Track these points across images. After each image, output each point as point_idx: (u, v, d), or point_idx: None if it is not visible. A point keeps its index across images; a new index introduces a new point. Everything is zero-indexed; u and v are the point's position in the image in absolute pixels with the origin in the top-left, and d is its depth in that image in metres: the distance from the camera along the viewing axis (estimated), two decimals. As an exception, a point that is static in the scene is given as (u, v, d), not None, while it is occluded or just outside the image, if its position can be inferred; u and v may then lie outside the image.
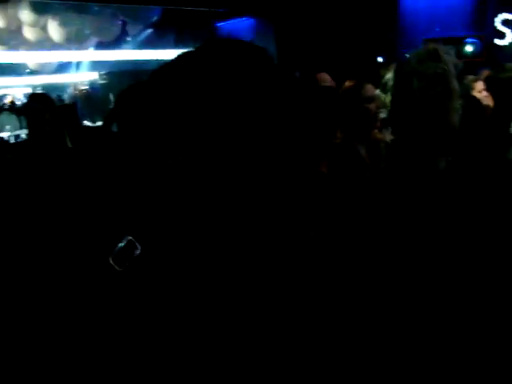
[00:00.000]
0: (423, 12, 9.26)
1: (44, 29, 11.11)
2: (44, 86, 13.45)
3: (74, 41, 11.38)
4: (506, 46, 8.24)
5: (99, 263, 0.83)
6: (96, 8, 10.14)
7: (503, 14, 8.19)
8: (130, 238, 0.85)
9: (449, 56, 1.59)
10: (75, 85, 12.50)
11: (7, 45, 11.56)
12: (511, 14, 8.11)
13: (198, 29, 11.53)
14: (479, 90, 4.62)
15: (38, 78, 13.30)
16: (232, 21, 12.88)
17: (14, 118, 9.10)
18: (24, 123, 8.85)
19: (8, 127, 9.15)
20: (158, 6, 10.87)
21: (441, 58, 1.56)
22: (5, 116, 9.02)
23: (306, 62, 9.01)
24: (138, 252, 0.86)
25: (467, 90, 4.33)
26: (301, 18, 10.56)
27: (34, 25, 10.92)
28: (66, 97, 11.86)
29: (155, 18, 11.92)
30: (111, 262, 0.83)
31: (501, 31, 8.29)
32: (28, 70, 13.00)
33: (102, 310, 0.82)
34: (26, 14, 10.41)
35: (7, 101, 11.78)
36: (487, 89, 4.79)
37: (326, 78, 4.49)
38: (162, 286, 0.84)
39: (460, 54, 8.52)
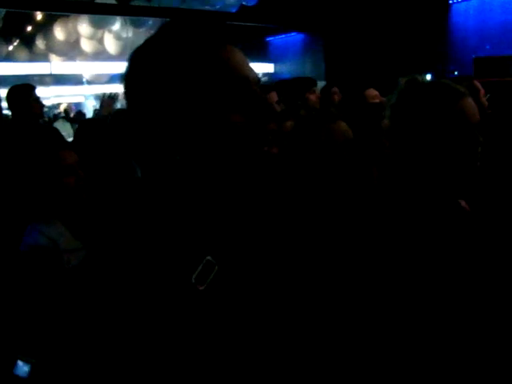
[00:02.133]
0: (474, 29, 9.17)
1: (100, 41, 11.53)
2: (97, 96, 13.93)
3: (128, 52, 11.73)
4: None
5: (181, 284, 0.84)
6: (150, 22, 10.46)
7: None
8: (209, 257, 0.87)
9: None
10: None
11: (65, 56, 12.03)
12: None
13: (249, 43, 11.72)
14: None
15: (92, 88, 13.77)
16: (282, 35, 13.06)
17: (68, 125, 9.43)
18: (78, 131, 9.18)
19: (63, 134, 9.47)
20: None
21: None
22: (60, 124, 9.35)
23: (355, 77, 9.05)
24: (215, 270, 0.87)
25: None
26: (350, 34, 10.62)
27: (91, 37, 11.35)
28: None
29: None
30: (193, 281, 0.84)
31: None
32: (83, 80, 13.48)
33: (186, 332, 0.83)
34: (84, 27, 10.83)
35: (62, 109, 12.22)
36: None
37: (374, 95, 4.53)
38: (242, 303, 0.89)
39: (511, 72, 8.40)
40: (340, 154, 1.63)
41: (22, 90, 4.03)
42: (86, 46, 11.63)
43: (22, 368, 1.54)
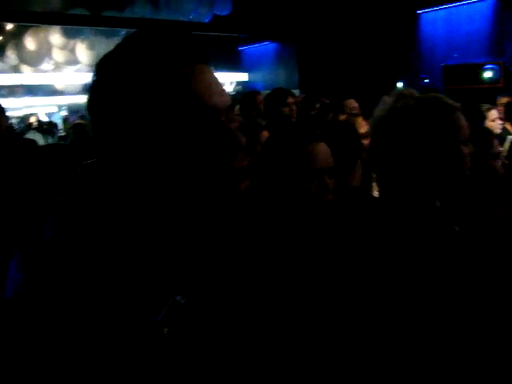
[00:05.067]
0: (442, 38, 9.38)
1: (72, 51, 11.45)
2: (69, 106, 13.80)
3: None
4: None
5: (144, 327, 0.78)
6: (123, 32, 10.44)
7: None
8: (178, 297, 0.81)
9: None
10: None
11: (36, 66, 11.91)
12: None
13: (222, 53, 11.79)
14: (492, 119, 4.72)
15: (64, 99, 13.63)
16: (255, 45, 13.15)
17: (39, 136, 9.32)
18: (50, 141, 9.11)
19: (35, 146, 9.35)
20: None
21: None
22: (31, 135, 9.24)
23: (328, 86, 9.18)
24: (183, 310, 0.81)
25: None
26: (322, 43, 10.76)
27: (63, 47, 11.27)
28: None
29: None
30: (159, 324, 0.78)
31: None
32: (54, 91, 13.33)
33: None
34: (56, 38, 10.76)
35: (33, 120, 12.06)
36: (507, 115, 4.87)
37: (353, 106, 4.60)
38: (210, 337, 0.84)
39: (479, 80, 8.61)
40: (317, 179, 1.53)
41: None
42: (58, 55, 11.54)
43: None
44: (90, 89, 0.86)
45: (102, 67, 0.86)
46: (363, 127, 3.25)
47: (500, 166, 2.46)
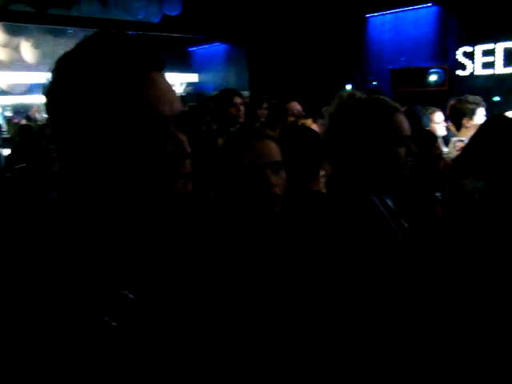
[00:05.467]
0: (389, 42, 9.59)
1: (17, 49, 11.12)
2: (13, 107, 13.38)
3: (47, 62, 11.35)
4: (466, 76, 8.59)
5: (92, 320, 0.79)
6: (70, 31, 10.21)
7: (464, 46, 8.56)
8: (126, 292, 0.84)
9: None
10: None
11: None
12: (471, 46, 8.48)
13: (172, 53, 11.68)
14: (437, 121, 4.85)
15: (8, 99, 13.22)
16: (206, 46, 13.11)
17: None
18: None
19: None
20: (133, 31, 11.00)
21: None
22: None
23: (277, 87, 9.24)
24: (131, 304, 0.83)
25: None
26: (272, 45, 10.82)
27: (5, 45, 10.92)
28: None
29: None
30: (107, 317, 0.80)
31: (462, 63, 8.65)
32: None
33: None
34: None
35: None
36: (451, 117, 5.01)
37: (296, 107, 4.63)
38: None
39: (425, 83, 8.85)
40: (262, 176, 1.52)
41: None
42: (1, 54, 11.18)
43: None
44: (47, 89, 0.89)
45: (59, 69, 0.89)
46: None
47: (442, 167, 2.52)
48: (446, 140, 4.80)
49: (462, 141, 4.27)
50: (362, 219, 1.57)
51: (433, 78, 8.83)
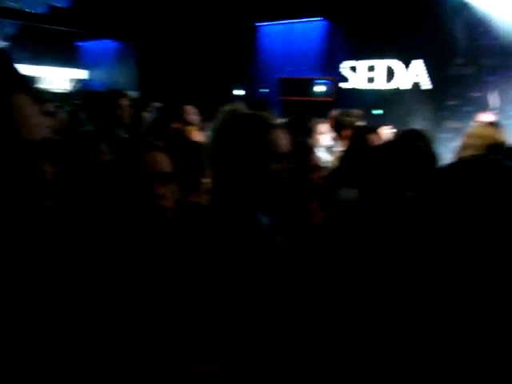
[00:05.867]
0: (278, 53, 9.82)
1: None
2: None
3: None
4: (351, 89, 9.04)
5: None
6: None
7: (349, 60, 9.02)
8: None
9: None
10: None
11: None
12: (356, 61, 8.95)
13: (57, 47, 11.21)
14: (321, 132, 5.02)
15: None
16: (95, 41, 12.65)
17: None
18: None
19: None
20: (18, 20, 10.41)
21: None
22: None
23: (167, 90, 9.15)
24: None
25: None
26: (163, 47, 10.70)
27: None
28: None
29: (12, 32, 11.35)
30: None
31: (346, 76, 9.10)
32: None
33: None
34: None
35: None
36: (335, 128, 5.21)
37: (191, 111, 4.61)
38: None
39: (312, 93, 9.20)
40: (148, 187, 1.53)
41: None
42: None
43: None
44: None
45: None
46: (197, 137, 3.28)
47: (318, 178, 2.61)
48: (330, 151, 4.98)
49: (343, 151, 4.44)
50: (237, 232, 1.61)
51: (319, 88, 9.20)
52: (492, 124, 3.85)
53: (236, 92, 9.44)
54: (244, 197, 1.68)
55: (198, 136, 3.43)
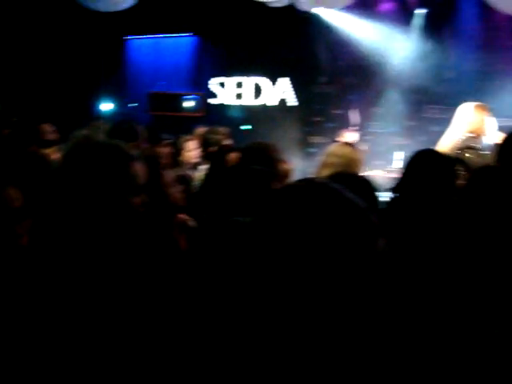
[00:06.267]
0: (148, 67, 9.68)
1: None
2: None
3: None
4: (220, 104, 9.19)
5: None
6: None
7: (218, 77, 9.17)
8: None
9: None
10: None
11: None
12: (225, 77, 9.12)
13: None
14: (189, 149, 5.01)
15: None
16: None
17: None
18: None
19: None
20: None
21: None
22: None
23: (28, 105, 8.59)
24: None
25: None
26: (21, 61, 9.95)
27: None
28: None
29: None
30: None
31: (214, 92, 9.24)
32: None
33: None
34: None
35: None
36: (203, 146, 5.24)
37: (49, 130, 4.38)
38: None
39: (181, 108, 9.22)
40: None
41: None
42: None
43: None
44: None
45: None
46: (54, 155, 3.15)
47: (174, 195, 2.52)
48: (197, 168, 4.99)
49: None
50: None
51: (188, 104, 9.25)
52: (348, 144, 4.11)
53: (104, 106, 9.15)
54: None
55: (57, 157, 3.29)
